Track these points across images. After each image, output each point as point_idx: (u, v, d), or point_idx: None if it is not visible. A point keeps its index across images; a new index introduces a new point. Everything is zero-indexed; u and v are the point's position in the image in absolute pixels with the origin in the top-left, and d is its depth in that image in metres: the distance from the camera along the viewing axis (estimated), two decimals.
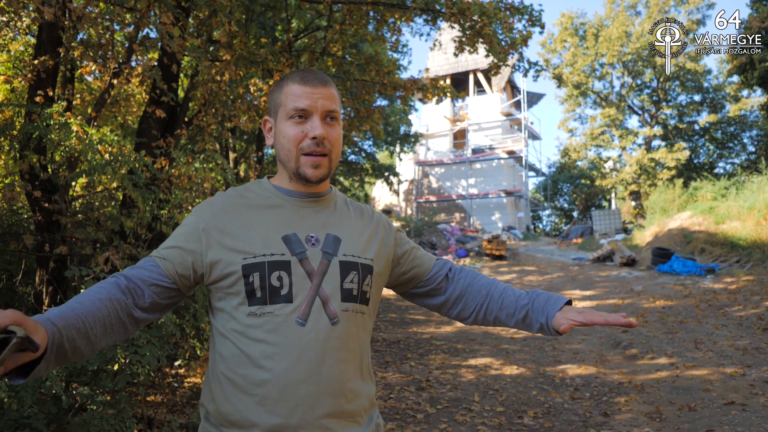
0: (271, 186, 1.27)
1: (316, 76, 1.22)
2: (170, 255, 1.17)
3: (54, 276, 4.17)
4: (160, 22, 4.11)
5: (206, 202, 1.23)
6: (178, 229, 1.21)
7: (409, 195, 32.16)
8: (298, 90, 1.21)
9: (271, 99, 1.28)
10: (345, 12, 7.60)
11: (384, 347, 6.60)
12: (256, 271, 1.12)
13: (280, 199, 1.24)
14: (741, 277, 11.19)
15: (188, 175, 4.44)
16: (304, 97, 1.20)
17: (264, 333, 1.12)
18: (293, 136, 1.20)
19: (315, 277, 1.16)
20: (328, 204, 1.29)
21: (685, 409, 4.41)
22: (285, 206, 1.23)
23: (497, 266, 16.95)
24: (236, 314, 1.14)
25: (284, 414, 1.10)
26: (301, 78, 1.22)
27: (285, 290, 1.13)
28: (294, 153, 1.20)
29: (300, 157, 1.20)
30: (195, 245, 1.16)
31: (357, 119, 8.81)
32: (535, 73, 8.33)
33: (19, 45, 5.95)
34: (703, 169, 30.61)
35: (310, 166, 1.20)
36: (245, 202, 1.22)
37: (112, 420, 2.71)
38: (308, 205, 1.25)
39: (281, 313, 1.12)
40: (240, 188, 1.28)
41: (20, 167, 3.94)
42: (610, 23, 30.72)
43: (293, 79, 1.23)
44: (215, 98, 5.93)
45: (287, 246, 1.17)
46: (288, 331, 1.12)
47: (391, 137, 21.46)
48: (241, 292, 1.13)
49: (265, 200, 1.23)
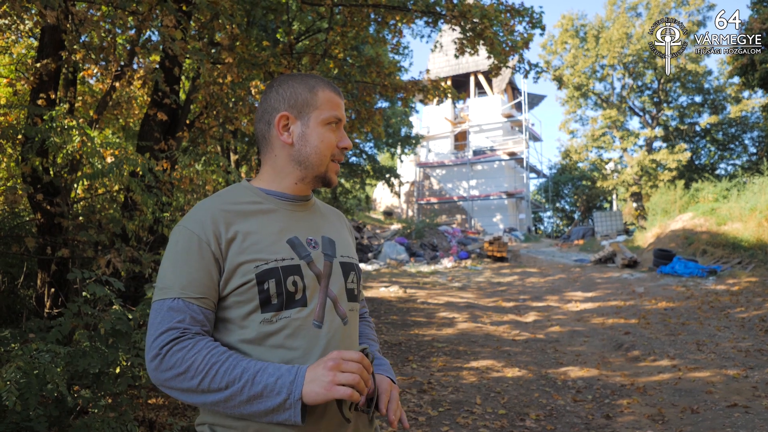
0: (257, 189, 1.24)
1: (334, 86, 1.27)
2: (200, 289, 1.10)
3: (55, 279, 4.18)
4: (162, 25, 4.12)
5: (196, 217, 1.14)
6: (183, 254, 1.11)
7: (410, 197, 32.17)
8: (335, 99, 1.24)
9: (294, 96, 1.23)
10: (346, 14, 7.60)
11: (385, 349, 6.60)
12: (271, 278, 1.11)
13: (272, 203, 1.23)
14: (743, 278, 11.17)
15: (190, 177, 4.45)
16: (340, 106, 1.24)
17: (282, 339, 1.11)
18: (330, 143, 1.23)
19: (323, 279, 1.18)
20: (313, 207, 1.31)
21: (687, 411, 4.40)
22: (279, 210, 1.22)
23: (498, 268, 16.94)
24: (246, 323, 1.11)
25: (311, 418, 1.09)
26: (333, 87, 1.25)
27: (299, 294, 1.13)
28: (327, 158, 1.23)
29: (331, 163, 1.24)
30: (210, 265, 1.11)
31: (358, 121, 8.82)
32: (536, 74, 8.34)
33: (21, 48, 5.97)
34: (704, 170, 30.60)
35: (335, 173, 1.25)
36: (238, 210, 1.17)
37: (113, 423, 2.70)
38: (299, 208, 1.26)
39: (299, 317, 1.13)
40: (222, 195, 1.22)
41: (22, 170, 3.95)
42: (611, 25, 30.74)
43: (325, 85, 1.25)
44: (217, 101, 5.94)
45: (294, 250, 1.17)
46: (307, 334, 1.13)
47: (392, 139, 21.48)
48: (253, 300, 1.10)
49: (257, 205, 1.21)
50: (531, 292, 12.06)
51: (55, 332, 2.62)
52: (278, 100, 1.23)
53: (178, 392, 1.04)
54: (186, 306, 1.07)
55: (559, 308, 9.95)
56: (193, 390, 1.02)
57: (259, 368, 1.03)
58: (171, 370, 1.02)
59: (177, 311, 1.06)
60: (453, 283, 13.64)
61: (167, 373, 1.03)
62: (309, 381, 1.01)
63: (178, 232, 1.14)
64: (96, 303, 3.40)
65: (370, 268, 16.49)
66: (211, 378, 1.01)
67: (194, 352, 1.03)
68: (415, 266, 17.18)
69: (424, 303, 10.22)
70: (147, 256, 3.73)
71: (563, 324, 8.38)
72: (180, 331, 1.05)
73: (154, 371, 1.04)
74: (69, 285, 4.24)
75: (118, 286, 2.88)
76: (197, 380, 1.01)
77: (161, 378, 1.04)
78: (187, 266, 1.09)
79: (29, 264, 4.66)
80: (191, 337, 1.05)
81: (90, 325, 2.97)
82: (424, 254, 19.61)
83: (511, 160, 29.38)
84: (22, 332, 2.98)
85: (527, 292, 12.23)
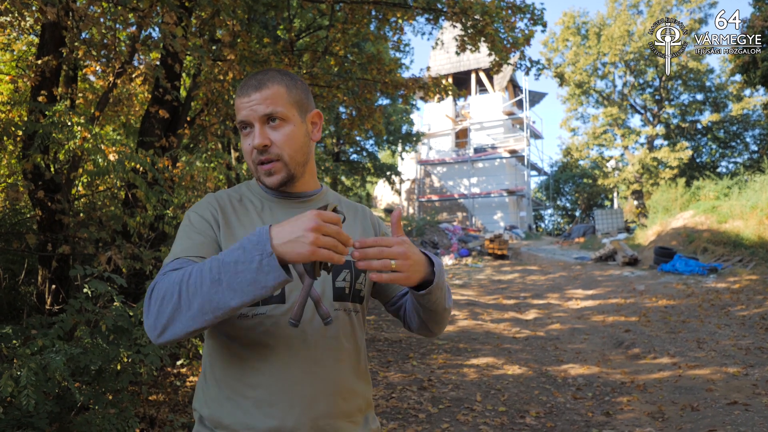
0: (259, 188, 1.28)
1: (252, 82, 1.19)
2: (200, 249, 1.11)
3: (56, 275, 4.18)
4: (162, 22, 4.11)
5: (209, 196, 1.24)
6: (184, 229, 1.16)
7: (411, 194, 32.16)
8: (238, 102, 1.19)
9: None
10: (347, 11, 7.59)
11: (386, 346, 6.60)
12: None
13: (270, 201, 1.26)
14: (744, 276, 11.17)
15: (191, 174, 4.45)
16: (241, 108, 1.18)
17: (257, 335, 1.11)
18: (247, 151, 1.20)
19: (305, 277, 1.15)
20: (319, 203, 1.29)
21: (687, 409, 4.40)
22: (276, 207, 1.24)
23: (499, 266, 16.94)
24: None
25: (280, 416, 1.09)
26: (239, 89, 1.20)
27: (277, 290, 1.08)
28: (253, 165, 1.21)
29: (257, 167, 1.20)
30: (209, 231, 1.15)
31: (358, 118, 8.81)
32: (537, 72, 8.32)
33: (21, 45, 5.96)
34: (705, 168, 30.56)
35: (265, 175, 1.20)
36: (239, 203, 1.23)
37: (114, 419, 2.71)
38: (298, 205, 1.26)
39: (274, 314, 1.11)
40: (230, 190, 1.28)
41: (24, 167, 3.95)
42: (612, 22, 30.67)
43: (239, 89, 1.21)
44: (218, 98, 5.94)
45: None
46: (281, 332, 1.11)
47: (392, 136, 21.48)
48: None
49: (256, 201, 1.25)
50: (532, 290, 12.07)
51: (56, 329, 2.62)
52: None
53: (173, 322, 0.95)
54: (185, 261, 1.05)
55: (560, 306, 9.95)
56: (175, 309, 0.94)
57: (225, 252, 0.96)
58: (156, 303, 0.96)
59: (171, 267, 1.04)
60: (454, 281, 13.64)
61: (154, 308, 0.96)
62: (285, 240, 0.93)
63: (186, 215, 1.20)
64: (97, 300, 3.41)
65: None
66: (186, 283, 0.95)
67: (171, 276, 0.98)
68: None
69: None
70: (148, 253, 3.74)
71: (564, 321, 8.39)
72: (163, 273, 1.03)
73: (147, 318, 0.98)
74: (70, 282, 4.25)
75: (120, 282, 2.88)
76: (175, 297, 0.95)
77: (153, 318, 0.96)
78: (187, 237, 1.13)
79: (30, 261, 4.67)
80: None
81: (91, 321, 2.98)
82: None
83: (512, 158, 29.35)
84: (23, 329, 2.98)
85: (528, 289, 12.24)
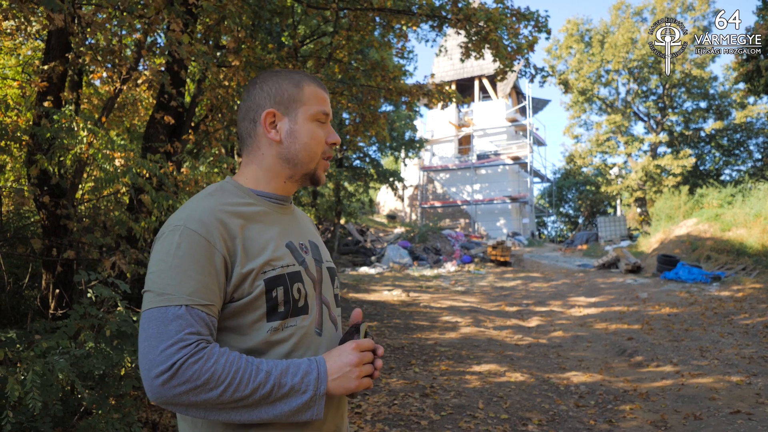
0: (248, 190, 1.16)
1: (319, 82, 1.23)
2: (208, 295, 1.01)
3: (60, 280, 4.20)
4: (168, 29, 4.14)
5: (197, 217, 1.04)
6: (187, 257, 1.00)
7: (413, 200, 32.18)
8: (321, 93, 1.19)
9: (279, 93, 1.17)
10: (351, 18, 7.64)
11: (388, 353, 6.60)
12: (279, 285, 1.06)
13: (264, 204, 1.16)
14: (747, 284, 11.13)
15: (194, 179, 4.47)
16: (326, 101, 1.20)
17: (290, 347, 1.08)
18: (319, 139, 1.18)
19: (317, 285, 1.16)
20: (293, 209, 1.26)
21: (690, 417, 4.38)
22: (271, 213, 1.16)
23: (502, 272, 16.91)
24: (251, 332, 1.06)
25: (317, 425, 1.10)
26: (318, 82, 1.21)
27: (302, 302, 1.10)
28: (318, 155, 1.18)
29: (321, 160, 1.19)
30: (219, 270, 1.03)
31: (362, 124, 8.84)
32: (541, 78, 8.36)
33: (27, 50, 6.00)
34: (709, 176, 30.53)
35: (324, 171, 1.20)
36: (238, 212, 1.09)
37: (117, 424, 2.72)
38: (285, 210, 1.21)
39: (303, 325, 1.10)
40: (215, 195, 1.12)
41: (30, 172, 3.97)
42: (616, 30, 30.77)
43: (311, 80, 1.20)
44: (222, 103, 5.97)
45: (293, 255, 1.13)
46: (312, 342, 1.11)
47: (396, 142, 21.52)
48: (260, 308, 1.05)
49: (252, 207, 1.13)
50: (534, 297, 12.04)
51: (60, 333, 2.63)
52: (263, 97, 1.17)
53: (190, 408, 0.96)
54: (194, 314, 0.97)
55: (563, 313, 9.93)
56: (211, 402, 0.95)
57: (281, 369, 1.00)
58: (185, 385, 0.93)
59: (184, 320, 0.96)
60: (456, 287, 13.63)
61: (180, 388, 0.93)
62: (334, 376, 1.03)
63: (178, 232, 1.01)
64: (101, 305, 3.42)
65: (373, 271, 16.48)
66: (234, 387, 0.95)
67: (212, 362, 0.95)
68: (418, 270, 17.18)
69: (427, 307, 10.22)
70: None
71: (566, 329, 8.37)
72: (194, 344, 0.95)
73: (161, 387, 0.93)
74: (74, 286, 4.26)
75: (124, 288, 2.89)
76: (218, 391, 0.94)
77: (171, 394, 0.93)
78: (193, 271, 0.99)
79: (34, 265, 4.68)
80: (204, 347, 0.96)
81: (95, 326, 2.99)
82: (427, 258, 19.62)
83: (515, 165, 29.38)
84: (27, 333, 2.99)
85: (530, 296, 12.21)
